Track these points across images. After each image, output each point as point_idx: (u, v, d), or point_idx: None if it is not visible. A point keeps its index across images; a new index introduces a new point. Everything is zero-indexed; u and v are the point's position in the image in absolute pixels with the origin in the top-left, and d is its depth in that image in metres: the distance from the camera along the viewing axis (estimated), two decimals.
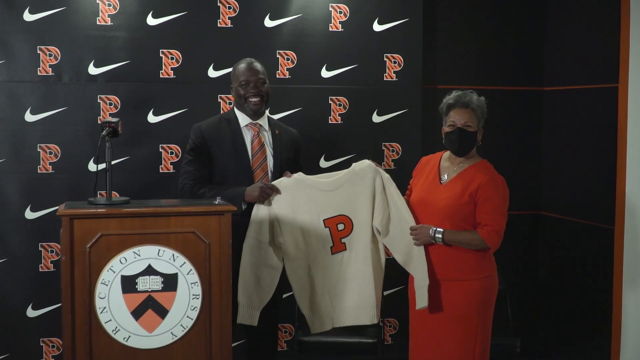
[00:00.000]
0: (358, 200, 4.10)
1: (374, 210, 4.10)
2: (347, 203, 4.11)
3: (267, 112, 4.43)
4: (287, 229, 4.07)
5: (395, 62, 5.28)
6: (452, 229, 3.91)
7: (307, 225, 4.09)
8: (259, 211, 4.07)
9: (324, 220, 4.11)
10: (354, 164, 4.17)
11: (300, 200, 4.08)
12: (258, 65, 4.35)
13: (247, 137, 4.32)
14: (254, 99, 4.28)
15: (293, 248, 4.08)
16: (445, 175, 4.04)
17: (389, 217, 4.09)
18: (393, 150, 5.34)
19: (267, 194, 4.06)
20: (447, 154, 4.10)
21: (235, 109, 4.39)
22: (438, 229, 3.90)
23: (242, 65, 4.34)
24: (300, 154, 4.51)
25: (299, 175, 4.14)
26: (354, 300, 4.13)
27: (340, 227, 4.12)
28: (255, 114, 4.32)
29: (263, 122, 4.37)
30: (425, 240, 3.94)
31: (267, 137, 4.36)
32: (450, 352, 3.97)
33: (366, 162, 4.15)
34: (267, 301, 4.09)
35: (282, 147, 4.37)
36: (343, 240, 4.13)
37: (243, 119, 4.34)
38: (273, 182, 4.13)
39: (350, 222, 4.12)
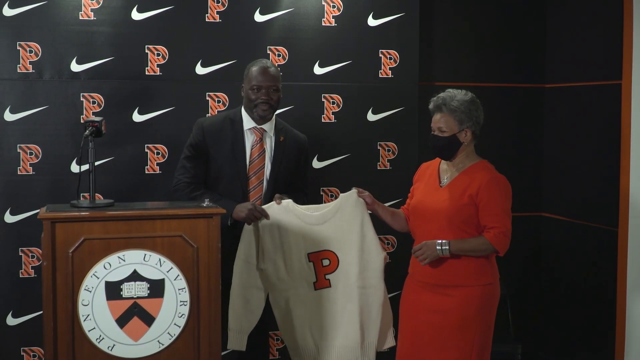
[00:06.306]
0: (346, 236, 4.07)
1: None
2: (333, 239, 4.08)
3: (274, 115, 4.37)
4: (269, 257, 4.03)
5: (390, 58, 5.22)
6: (453, 236, 3.83)
7: (291, 258, 4.07)
8: (248, 231, 4.04)
9: (308, 254, 4.08)
10: (341, 195, 4.12)
11: (286, 231, 4.04)
12: (273, 70, 4.25)
13: (249, 141, 4.27)
14: (262, 106, 4.20)
15: (275, 277, 4.06)
16: (445, 178, 3.99)
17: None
18: (389, 150, 5.27)
19: (256, 217, 4.00)
20: None
21: (242, 108, 4.32)
22: (444, 242, 3.81)
23: (255, 68, 4.23)
24: (308, 161, 4.52)
25: (289, 203, 4.07)
26: (339, 339, 4.08)
27: (325, 262, 4.09)
28: (261, 119, 4.25)
29: (269, 127, 4.29)
30: (433, 257, 3.84)
31: (269, 144, 4.29)
32: None
33: (354, 196, 4.08)
34: (255, 324, 4.06)
35: (284, 156, 4.30)
36: (327, 277, 4.10)
37: (248, 122, 4.27)
38: (264, 207, 4.07)
39: (336, 259, 4.08)
